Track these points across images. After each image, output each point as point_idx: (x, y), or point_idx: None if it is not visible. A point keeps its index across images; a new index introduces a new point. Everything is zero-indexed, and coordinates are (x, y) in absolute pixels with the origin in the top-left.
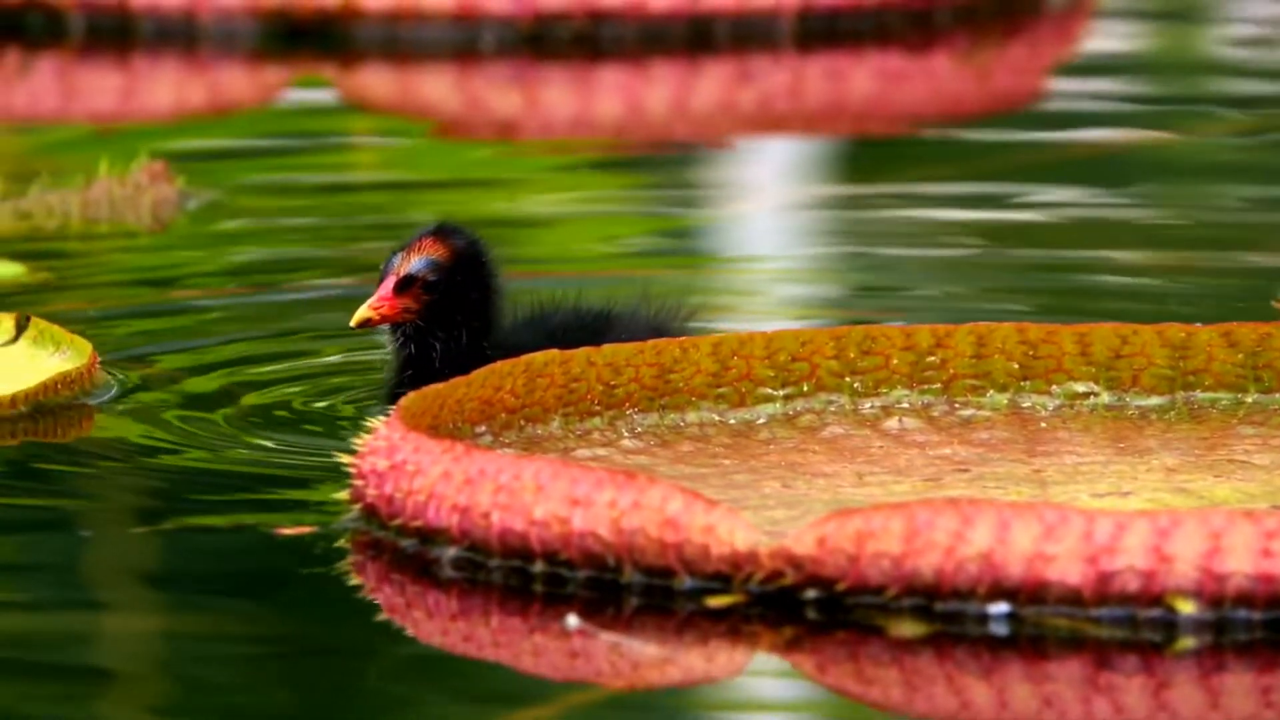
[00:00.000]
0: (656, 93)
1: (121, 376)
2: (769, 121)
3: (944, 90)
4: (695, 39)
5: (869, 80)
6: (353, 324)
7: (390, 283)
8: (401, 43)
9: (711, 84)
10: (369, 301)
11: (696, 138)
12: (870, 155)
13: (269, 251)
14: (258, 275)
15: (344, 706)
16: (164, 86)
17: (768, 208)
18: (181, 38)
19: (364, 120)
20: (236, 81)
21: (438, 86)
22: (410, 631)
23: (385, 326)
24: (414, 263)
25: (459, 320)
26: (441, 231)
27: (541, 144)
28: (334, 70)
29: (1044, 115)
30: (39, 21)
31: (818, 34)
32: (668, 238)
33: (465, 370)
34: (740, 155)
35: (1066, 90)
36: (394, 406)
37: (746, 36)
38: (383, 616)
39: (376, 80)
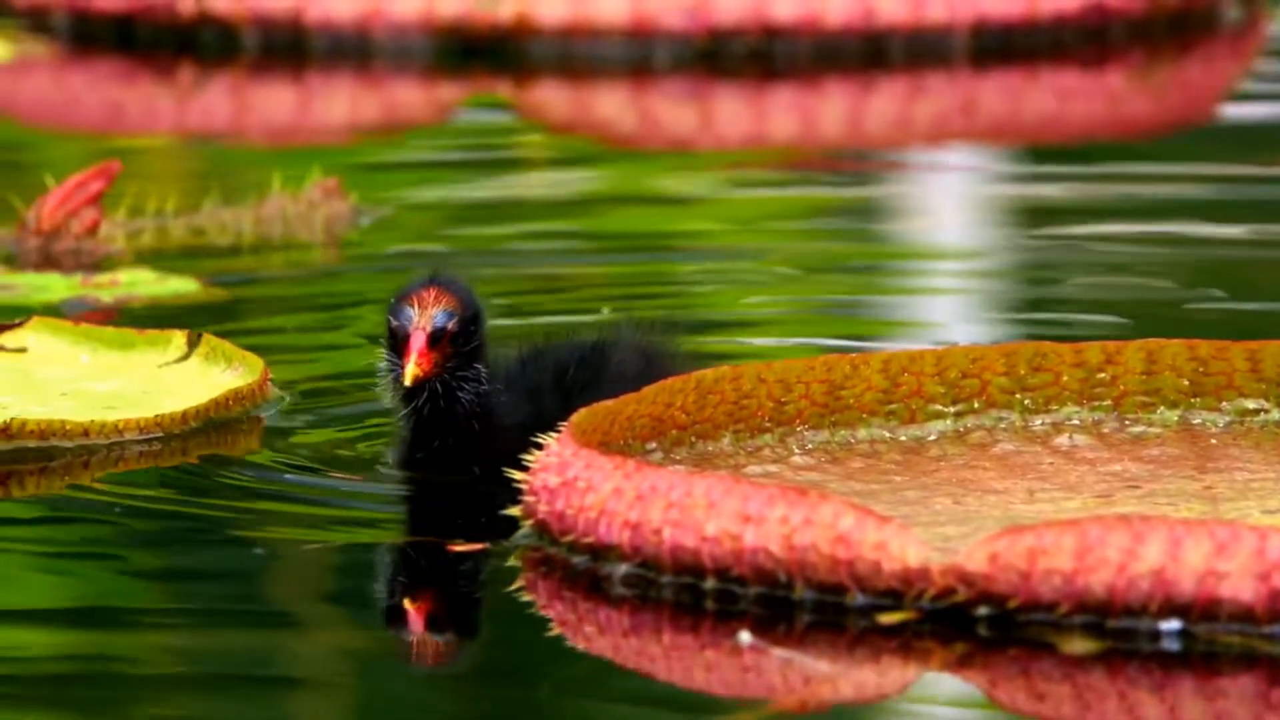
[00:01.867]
0: (830, 109)
1: (293, 392)
2: (943, 137)
3: (1118, 107)
4: (870, 55)
5: (1043, 96)
6: (408, 384)
7: (421, 338)
8: (576, 59)
9: (885, 100)
10: (412, 360)
11: (870, 154)
12: (1045, 170)
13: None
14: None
15: None
16: (338, 103)
17: (941, 224)
18: (355, 54)
19: (537, 136)
20: (410, 97)
21: (612, 103)
22: (582, 648)
23: (389, 385)
24: (436, 316)
25: (475, 369)
26: (443, 282)
27: (715, 160)
28: (508, 86)
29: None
30: (213, 38)
31: (992, 50)
32: (840, 254)
33: (489, 418)
34: (914, 172)
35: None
36: (421, 460)
37: (921, 53)
38: (554, 633)
39: (550, 96)
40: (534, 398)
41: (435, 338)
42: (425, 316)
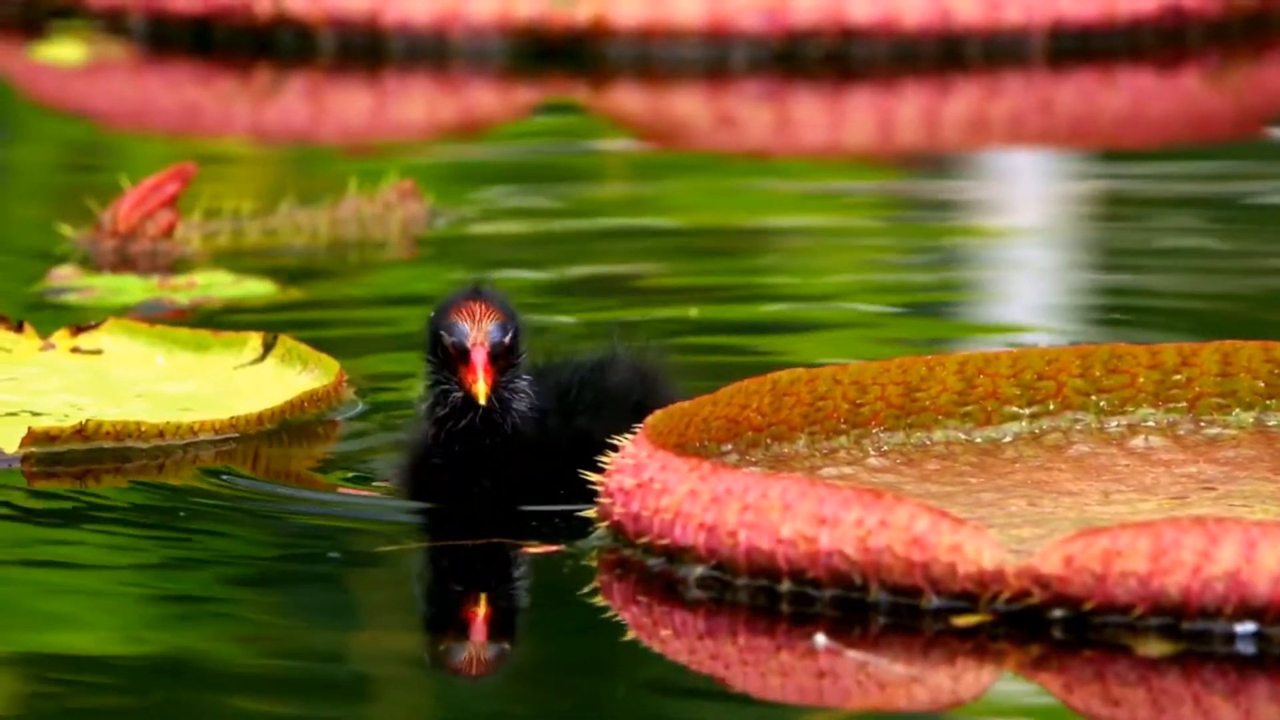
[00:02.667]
0: (907, 110)
1: (368, 395)
2: (1019, 139)
3: (1194, 108)
4: (946, 57)
5: (1119, 98)
6: (483, 401)
7: (483, 354)
8: (652, 61)
9: (962, 102)
10: (481, 375)
11: (946, 156)
12: (1121, 171)
13: (518, 271)
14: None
15: None
16: (414, 104)
17: (1017, 225)
18: (432, 55)
19: (614, 138)
20: (486, 99)
21: (688, 105)
22: (656, 650)
23: (440, 402)
24: (492, 330)
25: (523, 380)
26: (486, 295)
27: (792, 163)
28: (584, 88)
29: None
30: (290, 39)
31: (1069, 51)
32: (917, 256)
33: (517, 436)
34: (990, 173)
35: None
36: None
37: (997, 54)
38: (629, 634)
39: (627, 98)
40: (539, 418)
41: (495, 352)
42: (482, 331)
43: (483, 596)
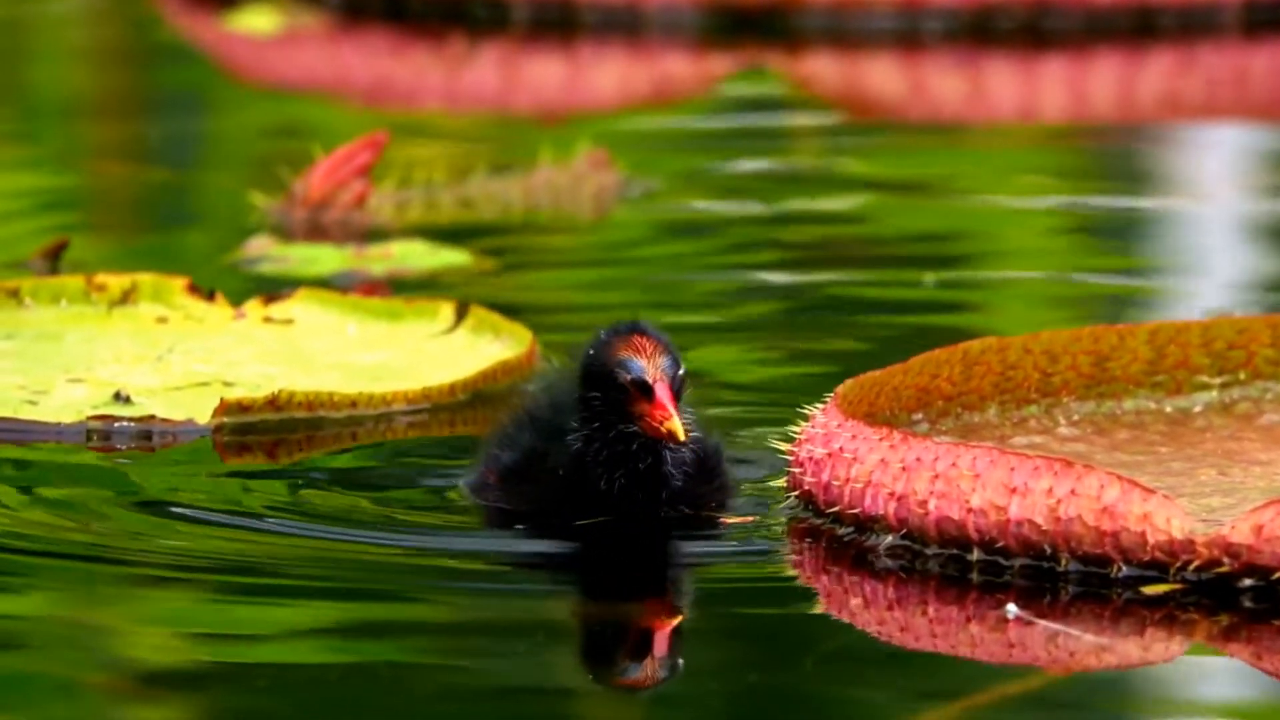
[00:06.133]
0: (1100, 81)
1: (562, 364)
2: (1213, 110)
3: None
4: (1139, 27)
5: None
6: (683, 438)
7: (667, 390)
8: (845, 31)
9: (1156, 73)
10: (672, 412)
11: (1141, 127)
12: None
13: (709, 241)
14: (697, 260)
15: (780, 694)
16: (607, 74)
17: (1213, 197)
18: (625, 26)
19: (807, 108)
20: (680, 69)
21: (881, 75)
22: (846, 620)
23: (618, 442)
24: (666, 365)
25: (690, 411)
26: (648, 330)
27: (985, 133)
28: (778, 58)
29: None
30: (483, 10)
31: (1263, 22)
32: (1109, 226)
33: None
34: (1184, 144)
35: None
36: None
37: (1191, 25)
38: (820, 603)
39: (820, 68)
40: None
41: (675, 387)
42: (658, 366)
43: (673, 567)
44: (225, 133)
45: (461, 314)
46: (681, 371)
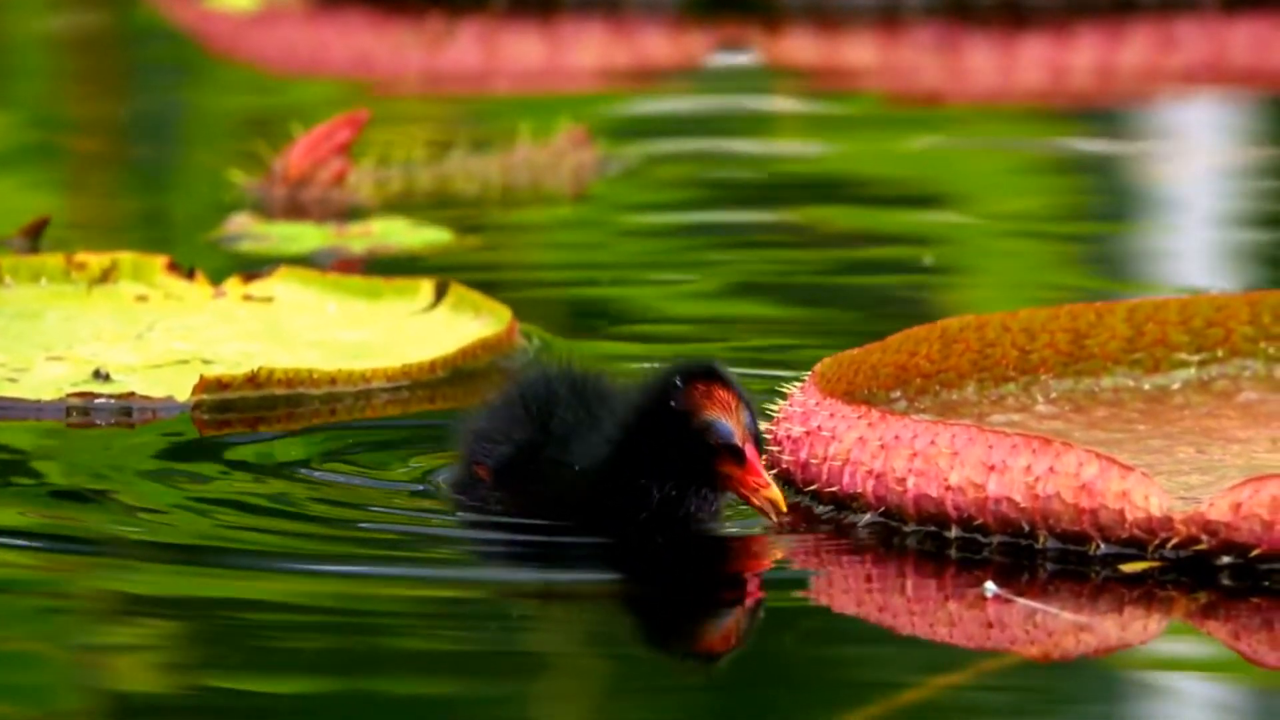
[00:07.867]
0: (1080, 57)
1: (540, 342)
2: (1192, 86)
3: None
4: (1119, 3)
5: None
6: (785, 511)
7: (756, 454)
8: (825, 8)
9: (1135, 48)
10: (769, 481)
11: (1120, 102)
12: None
13: (688, 218)
14: (676, 240)
15: (760, 669)
16: (586, 52)
17: (1191, 172)
18: (605, 3)
19: (786, 86)
20: (659, 46)
21: (861, 52)
22: (825, 597)
23: (713, 505)
24: (749, 421)
25: None
26: (726, 379)
27: (965, 110)
28: (757, 35)
29: None
30: None
31: None
32: (1088, 203)
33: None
34: (1162, 120)
35: None
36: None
37: (1171, 1)
38: (798, 581)
39: (799, 46)
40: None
41: (758, 443)
42: (742, 424)
43: (652, 548)
44: (205, 111)
45: (441, 292)
46: (755, 420)
